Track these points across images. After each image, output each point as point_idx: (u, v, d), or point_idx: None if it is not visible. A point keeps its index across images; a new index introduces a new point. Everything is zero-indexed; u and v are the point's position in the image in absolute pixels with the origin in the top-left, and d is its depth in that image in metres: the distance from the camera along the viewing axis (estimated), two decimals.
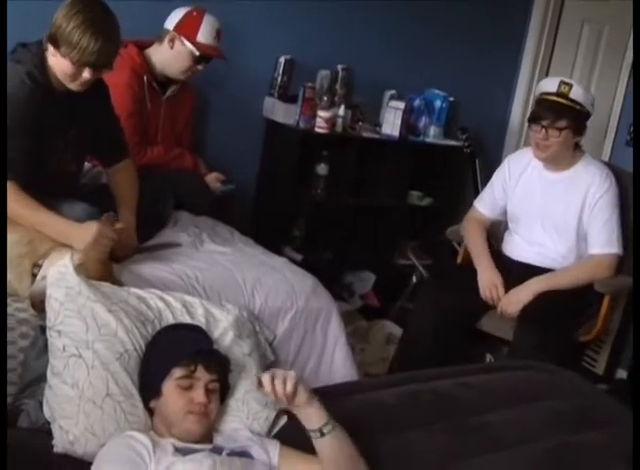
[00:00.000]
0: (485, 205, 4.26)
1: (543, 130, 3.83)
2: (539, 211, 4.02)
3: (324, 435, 2.36)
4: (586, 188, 3.89)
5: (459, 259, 4.51)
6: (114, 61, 3.19)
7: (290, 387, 2.32)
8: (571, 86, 3.81)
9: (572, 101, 3.81)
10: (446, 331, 3.90)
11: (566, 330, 3.83)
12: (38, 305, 2.66)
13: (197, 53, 4.23)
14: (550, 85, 3.89)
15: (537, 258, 4.04)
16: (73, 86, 3.17)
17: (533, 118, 3.90)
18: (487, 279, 3.97)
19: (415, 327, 4.05)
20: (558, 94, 3.82)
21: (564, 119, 3.80)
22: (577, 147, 3.97)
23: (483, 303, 3.96)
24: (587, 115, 3.88)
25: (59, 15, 3.05)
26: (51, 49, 3.10)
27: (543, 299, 3.82)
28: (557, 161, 3.95)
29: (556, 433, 2.79)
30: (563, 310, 3.78)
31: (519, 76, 5.98)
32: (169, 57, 4.25)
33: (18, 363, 2.77)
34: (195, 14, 4.27)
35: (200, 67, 4.29)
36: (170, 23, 4.27)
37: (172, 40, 4.24)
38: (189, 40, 4.22)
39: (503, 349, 4.16)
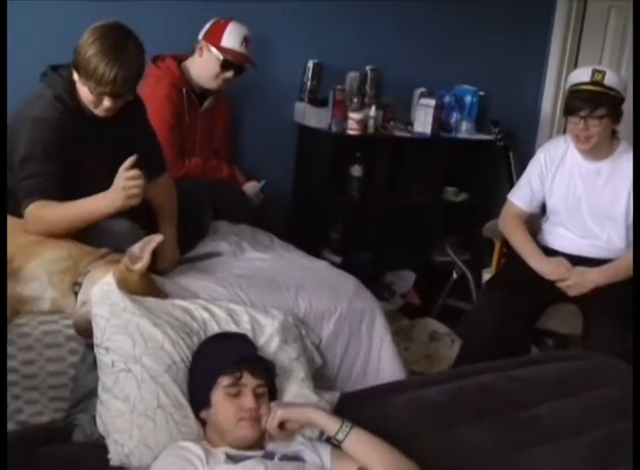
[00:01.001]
0: (522, 198, 4.16)
1: (582, 121, 3.75)
2: (585, 203, 3.96)
3: (341, 441, 2.38)
4: (631, 176, 3.83)
5: (495, 255, 4.46)
6: (134, 88, 3.20)
7: (274, 422, 2.41)
8: (604, 73, 3.74)
9: (608, 88, 3.73)
10: (509, 333, 3.81)
11: (633, 320, 3.79)
12: (84, 332, 2.69)
13: (221, 57, 4.26)
14: (582, 75, 3.81)
15: (591, 250, 3.97)
16: (98, 112, 3.19)
17: (571, 110, 3.80)
18: (549, 263, 3.93)
19: (479, 328, 3.92)
20: (592, 83, 3.74)
21: (602, 107, 3.72)
22: (614, 134, 3.91)
23: (542, 301, 3.91)
24: (622, 100, 3.81)
25: (80, 42, 3.05)
26: (75, 75, 3.12)
27: (606, 291, 3.77)
28: (598, 150, 3.88)
29: (607, 422, 2.78)
30: (627, 301, 3.70)
31: (548, 66, 5.96)
32: (199, 65, 4.31)
33: (68, 379, 2.83)
34: (221, 21, 4.33)
35: (228, 74, 4.31)
36: (201, 32, 4.34)
37: (201, 48, 4.30)
38: (214, 46, 4.27)
39: (548, 341, 4.15)
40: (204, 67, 4.31)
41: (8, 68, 3.25)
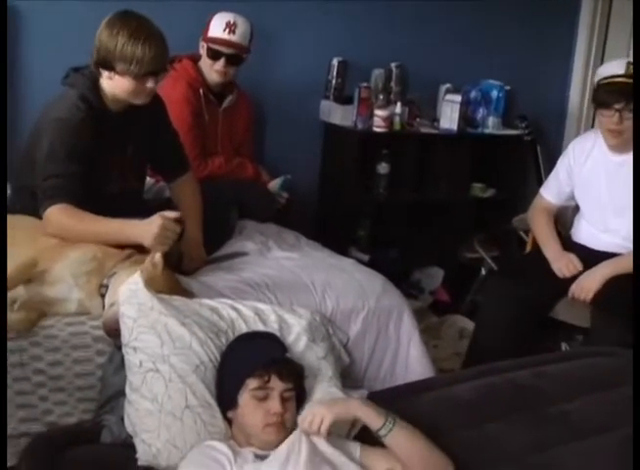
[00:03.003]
0: (551, 191, 4.18)
1: (617, 114, 3.69)
2: (606, 196, 3.92)
3: (382, 437, 2.36)
4: None
5: (528, 248, 4.47)
6: (168, 62, 3.25)
7: (324, 429, 2.36)
8: None
9: None
10: (520, 322, 3.82)
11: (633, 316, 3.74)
12: (113, 333, 2.68)
13: (206, 47, 4.26)
14: (616, 67, 3.78)
15: (610, 245, 3.93)
16: (139, 100, 3.22)
17: (605, 103, 3.75)
18: (560, 258, 3.93)
19: (487, 320, 3.97)
20: (627, 75, 3.71)
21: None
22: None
23: (555, 291, 3.90)
24: None
25: (102, 38, 3.09)
26: (105, 73, 3.14)
27: (616, 283, 3.74)
28: (626, 143, 3.82)
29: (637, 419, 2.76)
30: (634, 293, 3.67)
31: (574, 58, 5.91)
32: (202, 62, 4.31)
33: (96, 380, 2.84)
34: (212, 15, 4.30)
35: (218, 64, 4.24)
36: None
37: (202, 47, 4.30)
38: (204, 39, 4.27)
39: (577, 337, 4.11)
40: (203, 63, 4.30)
41: (25, 75, 3.27)
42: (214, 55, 4.23)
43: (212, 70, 4.26)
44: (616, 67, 3.80)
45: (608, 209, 3.94)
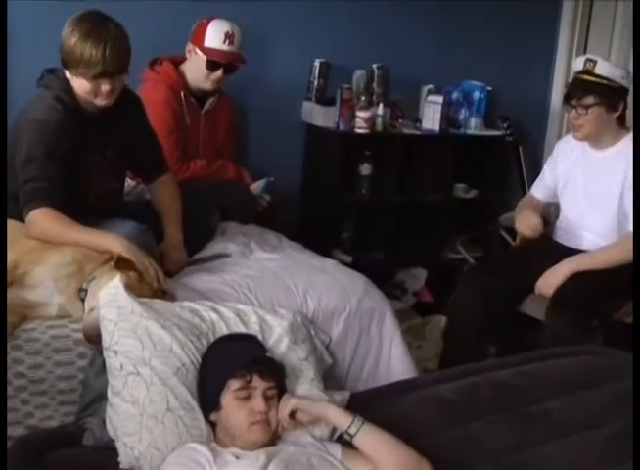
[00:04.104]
0: (538, 188, 4.25)
1: (574, 110, 3.81)
2: (582, 192, 3.97)
3: (353, 435, 2.37)
4: (627, 164, 3.78)
5: (517, 242, 4.51)
6: (126, 65, 3.17)
7: (286, 410, 2.42)
8: (595, 62, 3.77)
9: (599, 76, 3.75)
10: (489, 313, 3.86)
11: (598, 311, 3.73)
12: (93, 338, 2.67)
13: (205, 58, 4.22)
14: (578, 64, 3.87)
15: (582, 243, 3.98)
16: (99, 102, 3.18)
17: (564, 99, 3.91)
18: (525, 219, 4.01)
19: (458, 311, 4.00)
20: (584, 72, 3.79)
21: (590, 96, 3.75)
22: (622, 123, 3.89)
23: (526, 285, 3.92)
24: (621, 89, 3.81)
25: (62, 38, 3.08)
26: (67, 73, 3.14)
27: (578, 279, 3.76)
28: (597, 139, 3.89)
29: (621, 416, 2.75)
30: (596, 291, 3.70)
31: (556, 59, 5.92)
32: (190, 67, 4.28)
33: (78, 383, 2.83)
34: (204, 21, 4.26)
35: (216, 74, 4.24)
36: (190, 35, 4.30)
37: (190, 51, 4.27)
38: (199, 47, 4.23)
39: None
40: (194, 69, 4.26)
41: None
42: (213, 66, 4.22)
43: (208, 80, 4.25)
44: (578, 63, 3.89)
45: (583, 205, 3.99)
